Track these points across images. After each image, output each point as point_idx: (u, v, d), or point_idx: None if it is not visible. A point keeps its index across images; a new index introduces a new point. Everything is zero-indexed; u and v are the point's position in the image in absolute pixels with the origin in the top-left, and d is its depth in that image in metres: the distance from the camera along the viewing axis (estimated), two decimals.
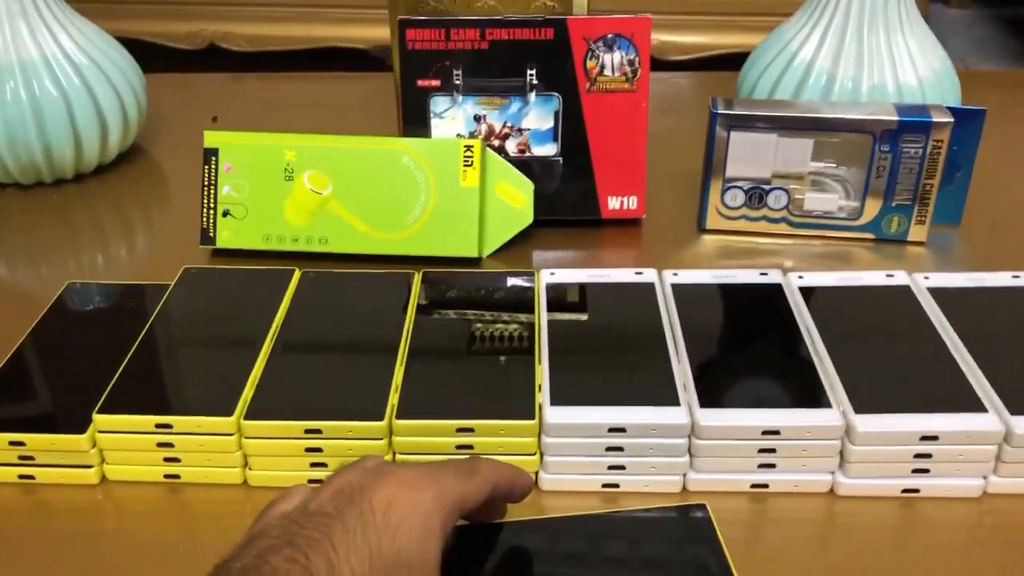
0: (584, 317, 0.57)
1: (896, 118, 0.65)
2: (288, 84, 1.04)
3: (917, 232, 0.69)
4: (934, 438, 0.47)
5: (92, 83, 0.76)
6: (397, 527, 0.35)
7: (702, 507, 0.47)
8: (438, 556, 0.36)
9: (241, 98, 0.99)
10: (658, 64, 1.74)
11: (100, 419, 0.49)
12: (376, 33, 1.91)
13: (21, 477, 0.50)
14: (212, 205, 0.68)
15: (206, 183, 0.68)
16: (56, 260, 0.71)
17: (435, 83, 0.68)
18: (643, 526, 0.46)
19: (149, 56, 0.85)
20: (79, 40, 0.76)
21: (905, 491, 0.49)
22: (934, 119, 0.65)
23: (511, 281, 0.61)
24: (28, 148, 0.75)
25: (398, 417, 0.48)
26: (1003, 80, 1.18)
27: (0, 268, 0.71)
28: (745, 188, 0.69)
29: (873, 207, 0.68)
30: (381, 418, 0.48)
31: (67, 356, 0.55)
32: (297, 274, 0.61)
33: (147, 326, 0.56)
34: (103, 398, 0.50)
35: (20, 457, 0.50)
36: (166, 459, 0.50)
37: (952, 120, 0.65)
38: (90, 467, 0.50)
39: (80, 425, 0.49)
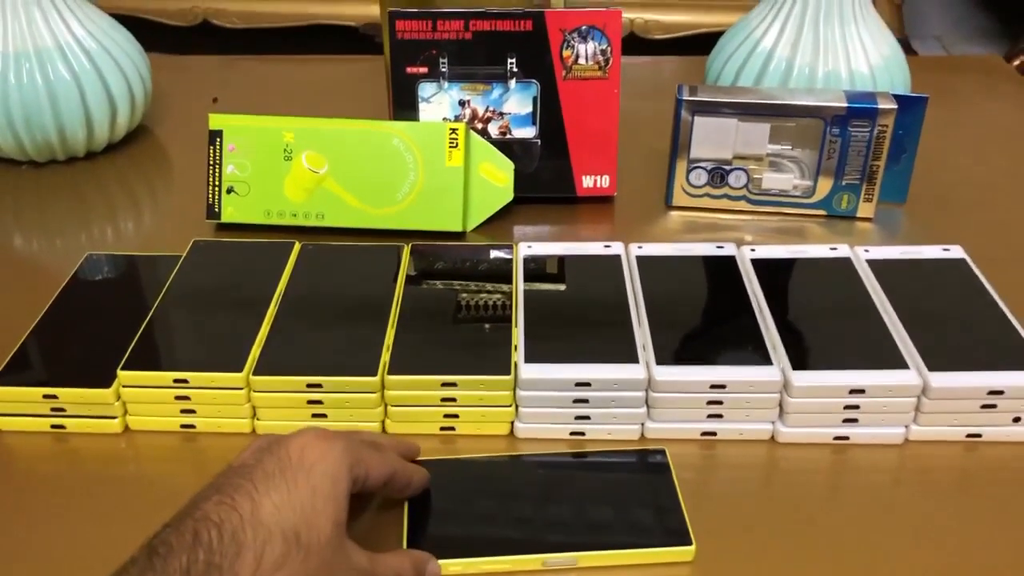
0: (557, 286, 0.63)
1: (845, 104, 0.71)
2: (282, 66, 1.08)
3: (865, 209, 0.75)
4: (861, 391, 0.54)
5: (102, 67, 0.81)
6: (310, 468, 0.41)
7: (662, 452, 0.53)
8: (348, 494, 0.42)
9: (237, 80, 1.03)
10: (641, 43, 1.79)
11: (124, 375, 0.55)
12: (366, 11, 1.95)
13: (53, 427, 0.56)
14: (217, 183, 0.73)
15: (211, 162, 0.73)
16: (70, 233, 0.76)
17: (423, 70, 0.74)
18: (609, 466, 0.52)
19: (143, 32, 0.89)
20: (89, 27, 0.81)
21: (836, 438, 0.55)
22: (880, 105, 0.71)
23: (492, 253, 0.66)
24: (43, 128, 0.80)
25: (390, 373, 0.54)
26: (961, 65, 1.24)
27: (19, 240, 0.76)
28: (708, 168, 0.75)
29: (825, 186, 0.74)
30: (374, 373, 0.54)
31: (90, 320, 0.61)
32: (297, 246, 0.67)
33: (162, 293, 0.62)
34: (126, 356, 0.56)
35: (52, 409, 0.55)
36: (183, 411, 0.56)
37: (896, 106, 0.71)
38: (114, 418, 0.56)
39: (106, 380, 0.55)
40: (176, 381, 0.55)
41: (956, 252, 0.65)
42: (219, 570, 0.37)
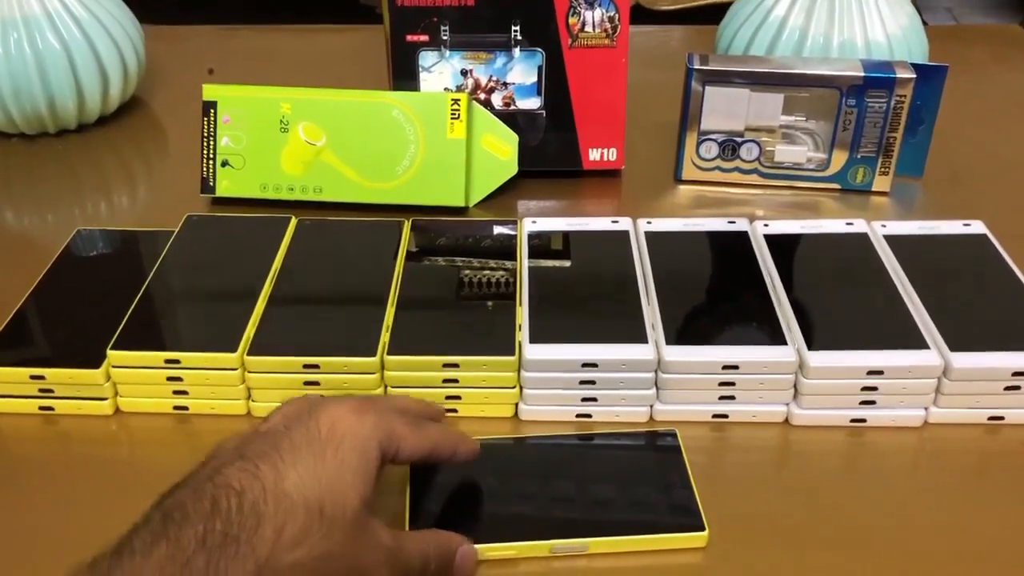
0: (563, 263, 0.61)
1: (862, 74, 0.69)
2: (280, 36, 1.06)
3: (881, 183, 0.73)
4: (880, 372, 0.52)
5: (92, 36, 0.79)
6: (340, 441, 0.39)
7: (672, 433, 0.51)
8: (377, 470, 0.40)
9: (233, 50, 1.01)
10: (648, 14, 1.76)
11: (114, 355, 0.53)
12: None
13: (42, 408, 0.54)
14: (211, 156, 0.71)
15: (205, 135, 0.71)
16: (62, 208, 0.74)
17: (423, 38, 0.71)
18: (619, 448, 0.51)
19: (135, 1, 0.86)
20: None
21: (853, 421, 0.53)
22: (898, 75, 0.68)
23: (496, 229, 0.64)
24: (32, 99, 0.78)
25: (389, 353, 0.53)
26: (980, 34, 1.21)
27: (8, 215, 0.74)
28: (719, 140, 0.73)
29: (840, 159, 0.72)
30: (374, 354, 0.52)
31: (80, 297, 0.59)
32: (294, 221, 0.64)
33: (154, 269, 0.60)
34: (116, 335, 0.54)
35: (40, 390, 0.54)
36: (175, 392, 0.54)
37: (915, 76, 0.68)
38: (104, 399, 0.54)
39: (95, 360, 0.53)
40: (168, 361, 0.53)
41: (977, 227, 0.63)
42: (236, 542, 0.35)
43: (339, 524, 0.37)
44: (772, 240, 0.62)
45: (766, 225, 0.63)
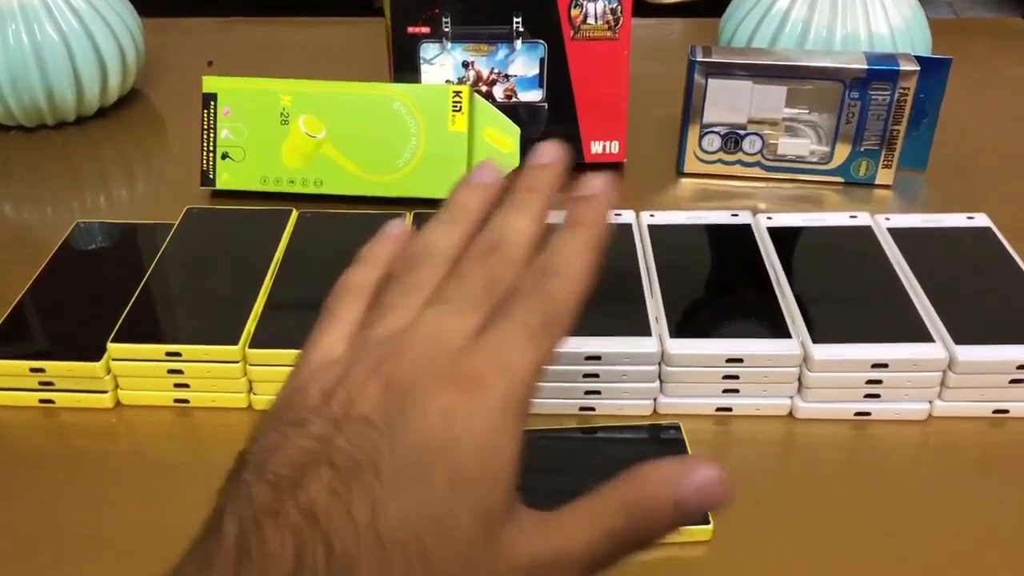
0: None
1: (865, 66, 0.68)
2: (279, 28, 1.05)
3: (884, 176, 0.72)
4: (884, 365, 0.51)
5: (91, 27, 0.78)
6: (455, 445, 0.27)
7: (676, 426, 0.51)
8: (513, 463, 0.29)
9: (232, 42, 1.00)
10: (645, 8, 1.75)
11: (114, 347, 0.53)
12: None
13: (42, 402, 0.54)
14: (211, 148, 0.70)
15: (205, 127, 0.70)
16: (61, 200, 0.74)
17: (425, 30, 0.71)
18: (622, 442, 0.50)
19: None
20: None
21: (857, 414, 0.53)
22: (901, 67, 0.68)
23: None
24: (31, 91, 0.77)
25: None
26: (981, 27, 1.20)
27: (7, 208, 0.74)
28: (721, 133, 0.72)
29: (843, 152, 0.72)
30: None
31: (80, 290, 0.59)
32: (295, 214, 0.64)
33: (155, 262, 0.59)
34: (116, 328, 0.53)
35: (40, 383, 0.53)
36: (176, 385, 0.53)
37: (919, 68, 0.68)
38: (105, 392, 0.54)
39: (95, 353, 0.53)
40: (169, 354, 0.52)
41: (981, 220, 0.63)
42: None
43: (442, 561, 0.27)
44: (775, 233, 0.61)
45: (769, 218, 0.63)
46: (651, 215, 0.63)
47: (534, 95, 0.73)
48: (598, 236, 0.34)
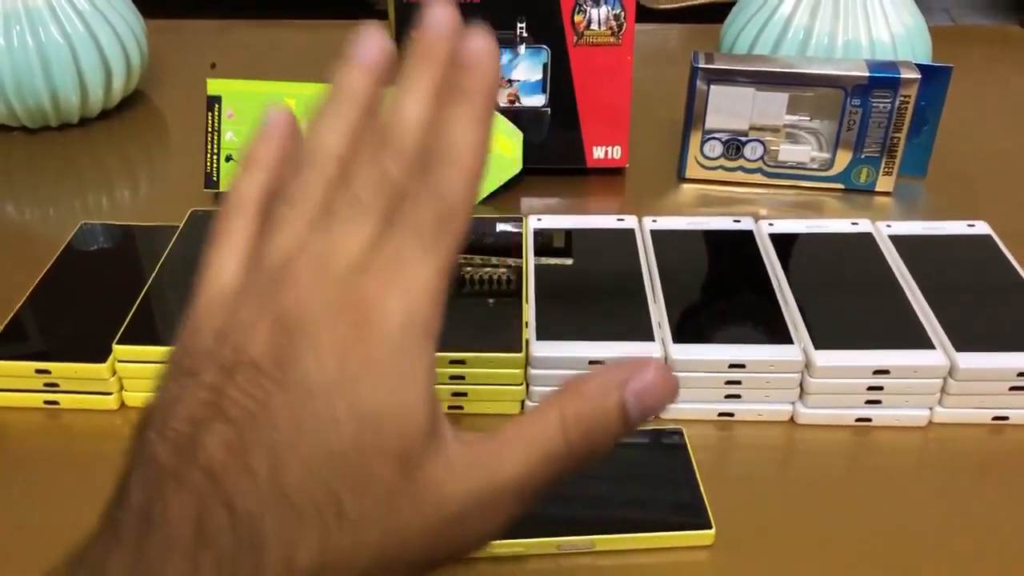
0: (569, 260, 0.61)
1: (867, 74, 0.69)
2: (282, 31, 1.05)
3: (884, 183, 0.73)
4: (886, 372, 0.52)
5: (96, 29, 0.78)
6: (355, 380, 0.25)
7: (678, 432, 0.51)
8: (427, 390, 0.26)
9: (236, 45, 1.00)
10: (646, 13, 1.76)
11: (119, 349, 0.53)
12: None
13: (46, 403, 0.54)
14: (215, 151, 0.71)
15: (209, 129, 0.71)
16: (64, 202, 0.74)
17: None
18: (624, 447, 0.50)
19: None
20: None
21: (858, 420, 0.53)
22: (902, 75, 0.68)
23: (501, 226, 0.64)
24: (35, 93, 0.78)
25: None
26: (980, 35, 1.21)
27: (10, 209, 0.74)
28: (723, 139, 0.73)
29: (843, 159, 0.72)
30: None
31: (85, 291, 0.59)
32: None
33: (160, 264, 0.59)
34: (122, 330, 0.54)
35: (45, 384, 0.53)
36: None
37: (920, 76, 0.68)
38: (110, 394, 0.54)
39: (101, 355, 0.53)
40: None
41: (981, 228, 0.63)
42: None
43: (370, 518, 0.25)
44: (777, 239, 0.62)
45: (771, 224, 0.63)
46: (653, 220, 0.63)
47: (537, 100, 0.73)
48: (485, 106, 0.29)
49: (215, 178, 0.71)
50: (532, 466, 0.27)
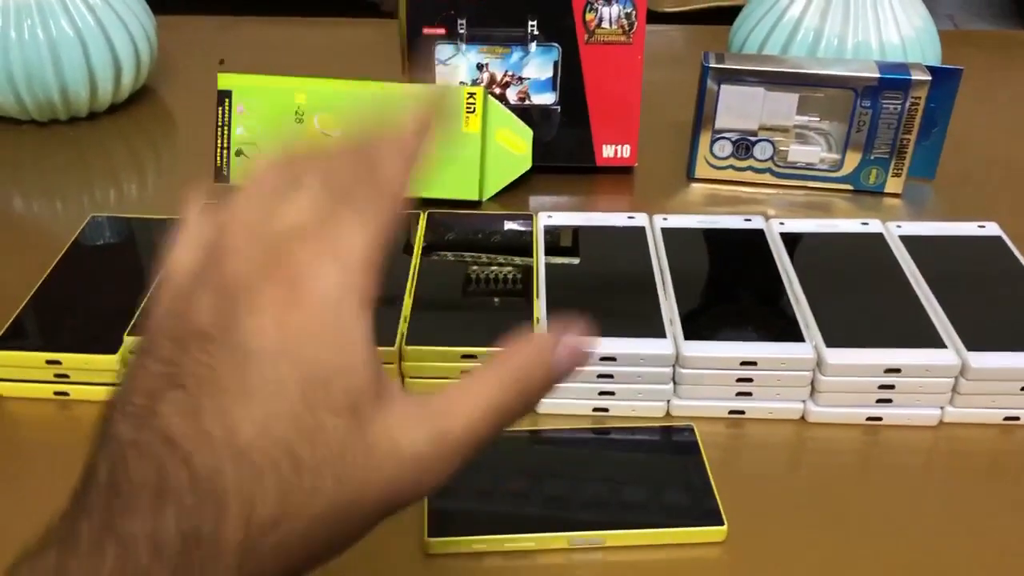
0: (579, 257, 0.61)
1: (877, 75, 0.69)
2: (290, 28, 1.05)
3: (894, 184, 0.73)
4: (897, 371, 0.52)
5: (106, 24, 0.79)
6: (296, 341, 0.27)
7: (690, 428, 0.51)
8: (366, 349, 0.28)
9: (244, 41, 1.00)
10: (652, 16, 1.76)
11: (131, 340, 0.53)
12: None
13: (56, 394, 0.54)
14: (225, 145, 0.71)
15: (220, 123, 0.71)
16: (73, 195, 0.74)
17: (440, 31, 0.71)
18: (637, 443, 0.51)
19: None
20: None
21: (869, 419, 0.53)
22: (913, 77, 0.69)
23: (511, 223, 0.64)
24: (45, 86, 0.78)
25: (408, 343, 0.52)
26: (984, 40, 1.21)
27: (19, 202, 0.74)
28: (733, 139, 0.73)
29: (853, 160, 0.72)
30: (392, 344, 0.52)
31: (95, 283, 0.59)
32: None
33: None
34: (133, 321, 0.54)
35: (56, 375, 0.53)
36: None
37: (930, 78, 0.69)
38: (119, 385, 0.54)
39: (111, 346, 0.53)
40: None
41: (992, 229, 0.63)
42: (197, 543, 0.25)
43: (328, 470, 0.26)
44: (788, 238, 0.62)
45: (782, 223, 0.63)
46: (664, 218, 0.64)
47: (547, 98, 0.73)
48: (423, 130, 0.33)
49: (225, 172, 0.71)
50: (477, 419, 0.29)
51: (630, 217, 0.64)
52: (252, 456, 0.25)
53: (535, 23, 0.71)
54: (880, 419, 0.53)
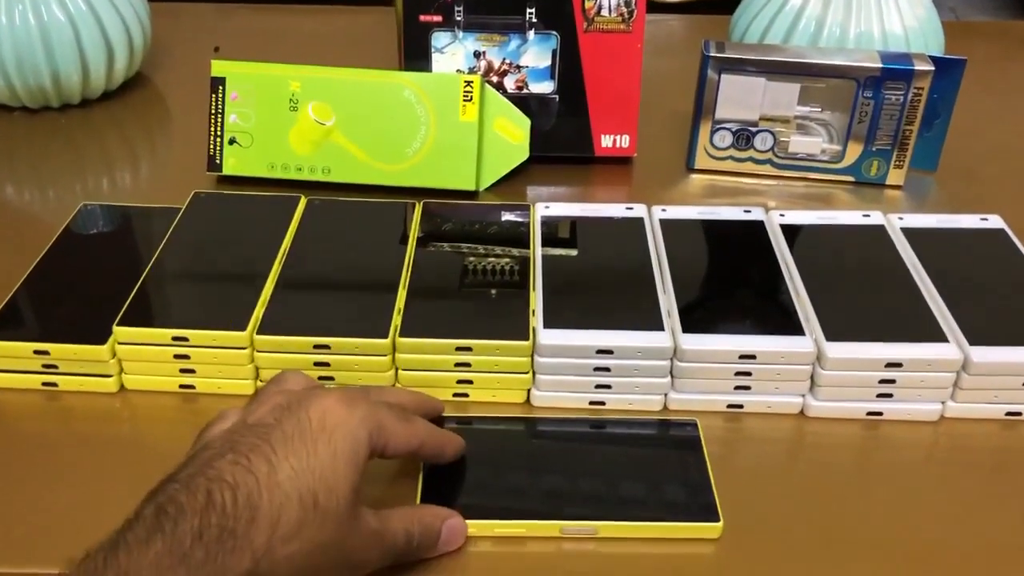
0: (577, 249, 0.60)
1: (879, 65, 0.68)
2: (286, 16, 1.04)
3: (895, 176, 0.72)
4: (898, 365, 0.51)
5: (99, 10, 0.77)
6: (332, 432, 0.39)
7: (693, 423, 0.50)
8: (366, 460, 0.40)
9: (238, 29, 0.99)
10: (652, 4, 1.74)
11: (120, 331, 0.52)
12: None
13: (45, 384, 0.53)
14: (219, 133, 0.70)
15: (213, 111, 0.70)
16: (64, 183, 0.73)
17: (437, 19, 0.70)
18: (636, 435, 0.50)
19: None
20: None
21: (869, 414, 0.52)
22: (916, 67, 0.68)
23: (508, 214, 0.63)
24: (36, 72, 0.77)
25: (401, 335, 0.52)
26: (986, 31, 1.20)
27: (10, 189, 0.73)
28: (733, 130, 0.72)
29: (854, 151, 0.71)
30: (386, 335, 0.51)
31: (85, 273, 0.58)
32: (303, 201, 0.63)
33: (162, 245, 0.59)
34: (122, 311, 0.53)
35: (44, 366, 0.52)
36: (181, 370, 0.53)
37: (933, 69, 0.68)
38: (109, 376, 0.53)
39: (100, 336, 0.52)
40: (175, 339, 0.52)
41: (995, 222, 0.62)
42: (233, 536, 0.35)
43: (332, 515, 0.38)
44: (788, 230, 0.61)
45: (782, 215, 0.62)
46: (663, 209, 0.63)
47: (545, 87, 0.72)
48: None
49: (217, 160, 0.70)
50: (399, 535, 0.42)
51: (628, 208, 0.63)
52: (285, 489, 0.37)
53: (533, 11, 0.70)
54: (880, 414, 0.52)
